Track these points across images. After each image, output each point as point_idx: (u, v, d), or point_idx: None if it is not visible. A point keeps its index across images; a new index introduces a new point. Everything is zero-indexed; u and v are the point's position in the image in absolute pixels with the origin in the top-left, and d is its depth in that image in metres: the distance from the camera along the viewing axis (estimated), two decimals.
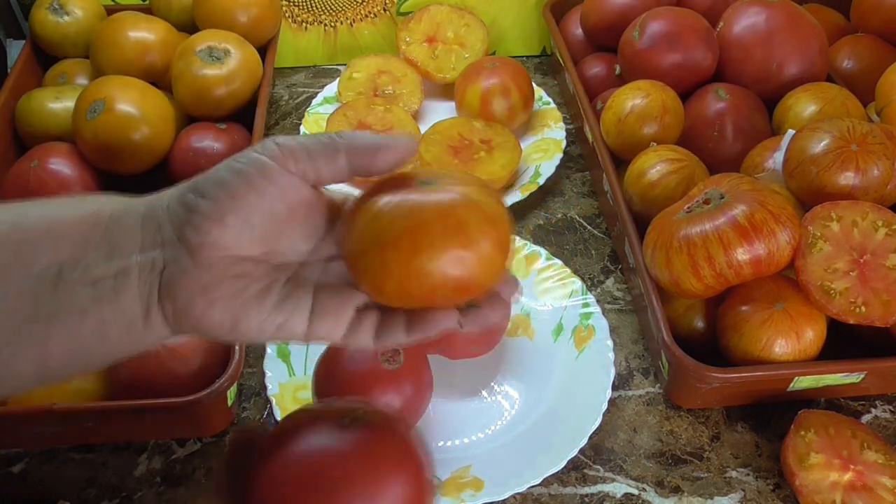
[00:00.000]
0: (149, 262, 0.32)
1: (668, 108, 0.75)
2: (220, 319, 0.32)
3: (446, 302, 0.34)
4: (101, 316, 0.31)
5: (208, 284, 0.32)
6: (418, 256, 0.32)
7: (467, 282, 0.33)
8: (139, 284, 0.32)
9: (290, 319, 0.34)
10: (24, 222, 0.33)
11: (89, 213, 0.33)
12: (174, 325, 0.33)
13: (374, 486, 0.34)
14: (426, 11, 0.97)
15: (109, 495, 0.59)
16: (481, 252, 0.33)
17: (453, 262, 0.32)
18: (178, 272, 0.32)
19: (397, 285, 0.33)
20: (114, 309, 0.31)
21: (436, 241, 0.32)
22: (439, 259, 0.32)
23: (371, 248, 0.33)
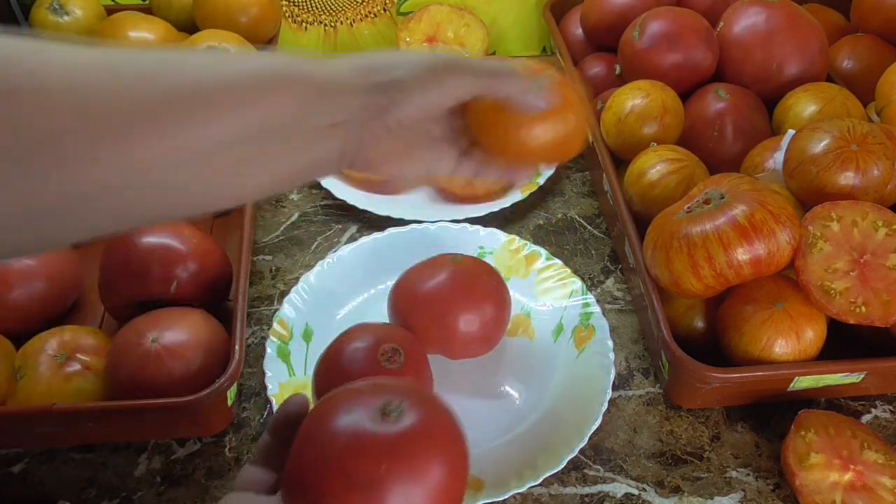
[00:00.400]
0: (352, 122, 0.41)
1: (668, 108, 0.75)
2: (393, 167, 0.46)
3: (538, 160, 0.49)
4: (311, 156, 0.41)
5: (389, 146, 0.44)
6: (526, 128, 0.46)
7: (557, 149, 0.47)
8: (344, 138, 0.41)
9: (437, 162, 0.48)
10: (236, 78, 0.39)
11: (301, 74, 0.40)
12: (358, 166, 0.44)
13: (411, 483, 0.35)
14: (426, 11, 0.97)
15: (109, 495, 0.59)
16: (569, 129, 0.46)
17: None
18: (368, 134, 0.42)
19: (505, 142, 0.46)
20: (320, 150, 0.41)
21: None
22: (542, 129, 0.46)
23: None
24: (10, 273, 0.65)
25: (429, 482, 0.35)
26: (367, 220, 0.80)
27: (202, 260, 0.64)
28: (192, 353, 0.59)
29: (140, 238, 0.64)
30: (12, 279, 0.65)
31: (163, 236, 0.64)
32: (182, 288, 0.63)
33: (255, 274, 0.75)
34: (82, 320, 0.70)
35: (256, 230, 0.79)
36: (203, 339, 0.60)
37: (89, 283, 0.70)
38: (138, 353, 0.58)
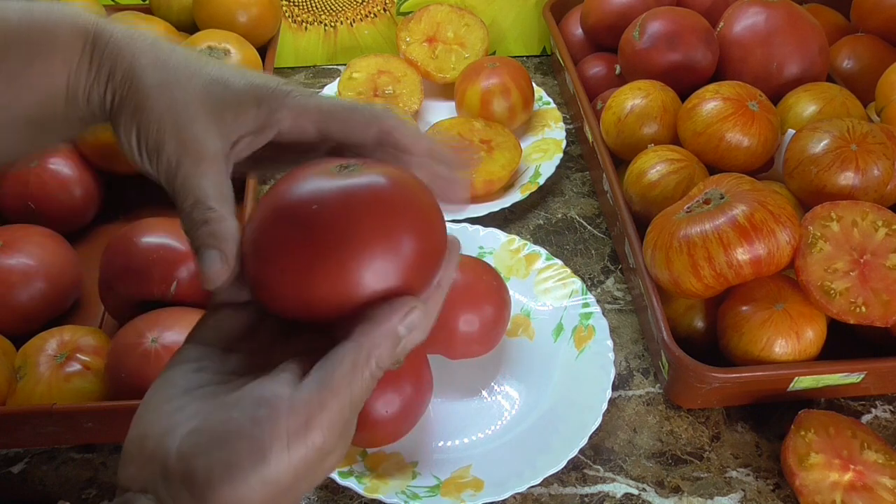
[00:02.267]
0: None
1: (668, 108, 0.75)
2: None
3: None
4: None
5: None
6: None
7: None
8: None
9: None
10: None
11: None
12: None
13: (378, 233, 0.31)
14: (426, 11, 0.97)
15: (109, 495, 0.59)
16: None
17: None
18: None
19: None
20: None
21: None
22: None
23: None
24: (10, 273, 0.65)
25: (398, 230, 0.31)
26: None
27: None
28: None
29: (140, 238, 0.64)
30: (12, 279, 0.65)
31: (163, 236, 0.64)
32: (182, 288, 0.63)
33: None
34: (82, 320, 0.70)
35: None
36: None
37: (89, 283, 0.70)
38: (138, 353, 0.58)
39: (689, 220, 0.60)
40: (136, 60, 0.35)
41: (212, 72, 0.35)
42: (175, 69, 0.35)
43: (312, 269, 0.31)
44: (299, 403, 0.29)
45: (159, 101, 0.34)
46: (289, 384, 0.30)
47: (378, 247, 0.31)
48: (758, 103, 0.69)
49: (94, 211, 0.78)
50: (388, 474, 0.58)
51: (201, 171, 0.33)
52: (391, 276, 0.31)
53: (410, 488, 0.57)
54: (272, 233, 0.32)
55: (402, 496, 0.56)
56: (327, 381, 0.30)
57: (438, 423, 0.63)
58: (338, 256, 0.30)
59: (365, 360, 0.30)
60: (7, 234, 0.67)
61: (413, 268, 0.32)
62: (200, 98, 0.34)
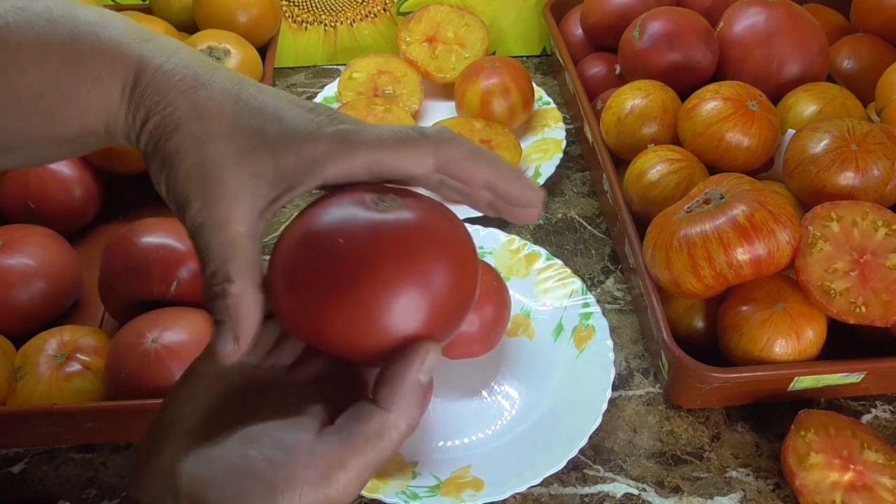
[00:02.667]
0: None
1: (668, 108, 0.75)
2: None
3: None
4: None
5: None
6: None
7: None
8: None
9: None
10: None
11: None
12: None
13: (409, 269, 0.30)
14: (426, 11, 0.97)
15: (109, 495, 0.59)
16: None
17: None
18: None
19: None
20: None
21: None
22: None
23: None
24: (10, 273, 0.65)
25: (423, 275, 0.30)
26: None
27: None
28: (192, 353, 0.58)
29: (140, 238, 0.64)
30: (12, 279, 0.65)
31: (163, 236, 0.64)
32: (182, 288, 0.63)
33: None
34: (82, 320, 0.70)
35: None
36: (203, 340, 0.60)
37: (89, 283, 0.70)
38: (138, 353, 0.58)
39: (689, 220, 0.60)
40: (171, 109, 0.32)
41: (251, 123, 0.32)
42: (211, 119, 0.32)
43: (330, 305, 0.30)
44: (319, 455, 0.28)
45: (188, 157, 0.32)
46: (311, 431, 0.29)
47: (400, 291, 0.29)
48: (758, 103, 0.69)
49: (94, 211, 0.78)
50: (388, 474, 0.58)
51: (225, 237, 0.31)
52: (412, 322, 0.30)
53: (410, 488, 0.57)
54: (295, 261, 0.31)
55: (402, 496, 0.56)
56: (351, 439, 0.29)
57: (438, 423, 0.63)
58: (355, 297, 0.29)
59: (394, 423, 0.29)
60: (7, 234, 0.67)
61: (435, 315, 0.30)
62: (235, 156, 0.32)
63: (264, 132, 0.32)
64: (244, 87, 0.33)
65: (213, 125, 0.32)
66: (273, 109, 0.32)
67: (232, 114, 0.32)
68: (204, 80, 0.33)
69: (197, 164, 0.31)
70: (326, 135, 0.31)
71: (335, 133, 0.31)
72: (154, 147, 0.33)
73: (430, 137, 0.32)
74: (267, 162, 0.31)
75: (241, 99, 0.33)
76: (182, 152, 0.32)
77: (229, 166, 0.31)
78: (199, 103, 0.32)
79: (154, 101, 0.33)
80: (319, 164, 0.31)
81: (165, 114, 0.32)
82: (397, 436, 0.30)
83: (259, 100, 0.33)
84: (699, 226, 0.59)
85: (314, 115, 0.32)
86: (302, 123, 0.32)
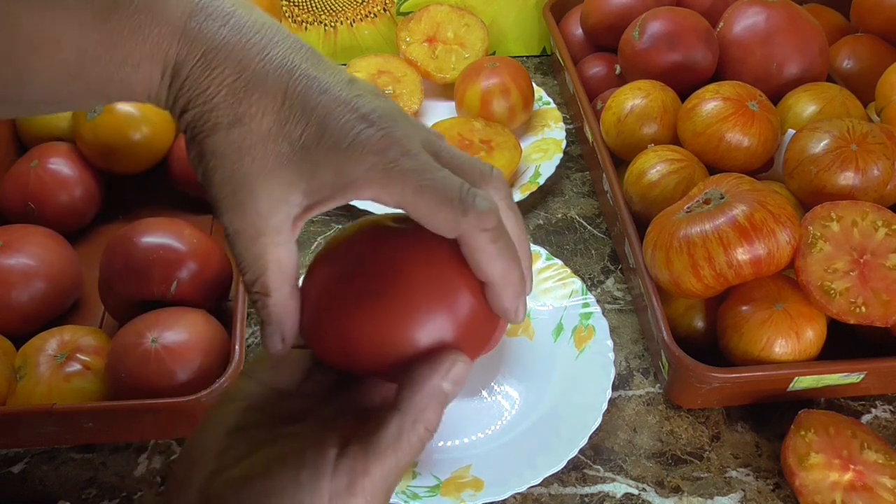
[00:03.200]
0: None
1: (668, 108, 0.75)
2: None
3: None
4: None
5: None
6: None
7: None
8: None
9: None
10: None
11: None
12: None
13: (436, 287, 0.30)
14: (426, 11, 0.97)
15: (109, 495, 0.59)
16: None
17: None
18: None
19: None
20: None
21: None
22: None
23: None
24: (10, 273, 0.65)
25: (453, 292, 0.30)
26: None
27: (202, 260, 0.64)
28: (192, 353, 0.59)
29: (140, 238, 0.64)
30: (12, 279, 0.65)
31: (163, 236, 0.64)
32: (182, 288, 0.63)
33: None
34: (82, 320, 0.70)
35: None
36: (203, 339, 0.60)
37: (89, 283, 0.70)
38: (138, 353, 0.58)
39: (689, 220, 0.60)
40: (210, 107, 0.31)
41: (294, 131, 0.31)
42: (252, 122, 0.31)
43: (359, 315, 0.30)
44: (343, 467, 0.29)
45: (224, 164, 0.31)
46: (335, 445, 0.29)
47: (431, 302, 0.30)
48: (758, 103, 0.69)
49: (94, 211, 0.78)
50: None
51: (258, 250, 0.31)
52: (440, 333, 0.30)
53: (410, 488, 0.57)
54: (325, 285, 0.32)
55: (403, 496, 0.56)
56: (372, 446, 0.29)
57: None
58: (385, 307, 0.30)
59: (411, 425, 0.29)
60: (7, 234, 0.67)
61: (464, 329, 0.31)
62: (272, 165, 0.31)
63: (306, 143, 0.31)
64: (294, 79, 0.31)
65: (252, 129, 0.31)
66: (321, 115, 0.31)
67: (276, 118, 0.31)
68: (250, 72, 0.31)
69: (232, 172, 0.31)
70: (369, 159, 0.30)
71: (377, 162, 0.30)
72: (192, 137, 0.32)
73: (471, 211, 0.29)
74: (304, 173, 0.31)
75: (287, 97, 0.31)
76: (218, 156, 0.31)
77: (265, 176, 0.31)
78: (241, 105, 0.31)
79: (194, 94, 0.31)
80: (354, 186, 0.30)
81: (205, 111, 0.31)
82: (417, 440, 0.30)
83: (308, 99, 0.31)
84: (699, 226, 0.59)
85: (363, 127, 0.30)
86: (348, 138, 0.30)
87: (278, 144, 0.31)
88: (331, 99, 0.31)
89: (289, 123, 0.31)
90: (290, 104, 0.31)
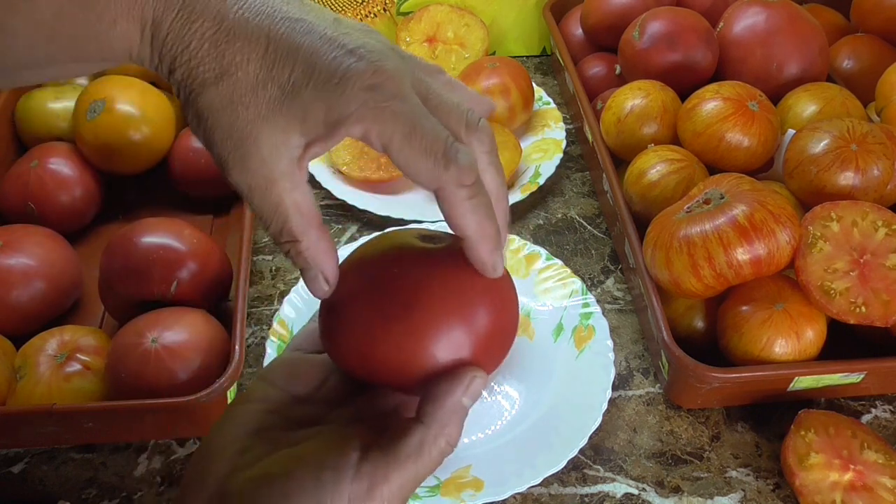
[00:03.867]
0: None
1: (668, 108, 0.75)
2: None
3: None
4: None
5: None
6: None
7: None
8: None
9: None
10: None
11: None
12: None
13: (458, 299, 0.31)
14: (426, 11, 0.97)
15: (109, 495, 0.59)
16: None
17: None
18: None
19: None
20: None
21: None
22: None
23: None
24: (10, 273, 0.65)
25: (472, 307, 0.31)
26: (367, 220, 0.80)
27: (202, 260, 0.64)
28: (192, 353, 0.59)
29: (140, 238, 0.64)
30: (12, 279, 0.65)
31: (163, 236, 0.64)
32: (182, 288, 0.63)
33: (255, 274, 0.75)
34: (82, 320, 0.70)
35: (256, 230, 0.79)
36: (203, 339, 0.60)
37: (89, 283, 0.70)
38: (138, 353, 0.58)
39: (689, 220, 0.60)
40: (195, 62, 0.31)
41: (282, 74, 0.30)
42: (238, 72, 0.31)
43: (381, 330, 0.31)
44: (364, 471, 0.29)
45: (221, 120, 0.31)
46: (356, 449, 0.30)
47: (450, 319, 0.31)
48: (758, 103, 0.69)
49: (94, 211, 0.78)
50: None
51: (274, 199, 0.31)
52: (459, 350, 0.31)
53: None
54: (348, 296, 0.32)
55: None
56: (394, 454, 0.30)
57: None
58: (407, 323, 0.31)
59: (433, 439, 0.30)
60: (7, 234, 0.67)
61: (482, 344, 0.32)
62: (265, 112, 0.31)
63: (295, 84, 0.30)
64: (275, 23, 0.31)
65: (240, 79, 0.31)
66: (307, 54, 0.30)
67: (261, 63, 0.31)
68: (229, 21, 0.31)
69: (230, 127, 0.31)
70: (360, 96, 0.30)
71: (368, 99, 0.30)
72: (185, 99, 0.32)
73: (452, 165, 0.30)
74: (297, 114, 0.30)
75: (271, 41, 0.31)
76: (214, 113, 0.31)
77: (262, 122, 0.31)
78: (225, 56, 0.31)
79: (178, 50, 0.31)
80: (346, 122, 0.30)
81: (191, 67, 0.31)
82: (437, 453, 0.30)
83: (292, 40, 0.31)
84: (699, 226, 0.59)
85: (353, 61, 0.30)
86: (338, 73, 0.30)
87: (268, 90, 0.31)
88: (316, 38, 0.31)
89: (275, 67, 0.31)
90: (275, 48, 0.31)
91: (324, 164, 0.84)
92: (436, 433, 0.30)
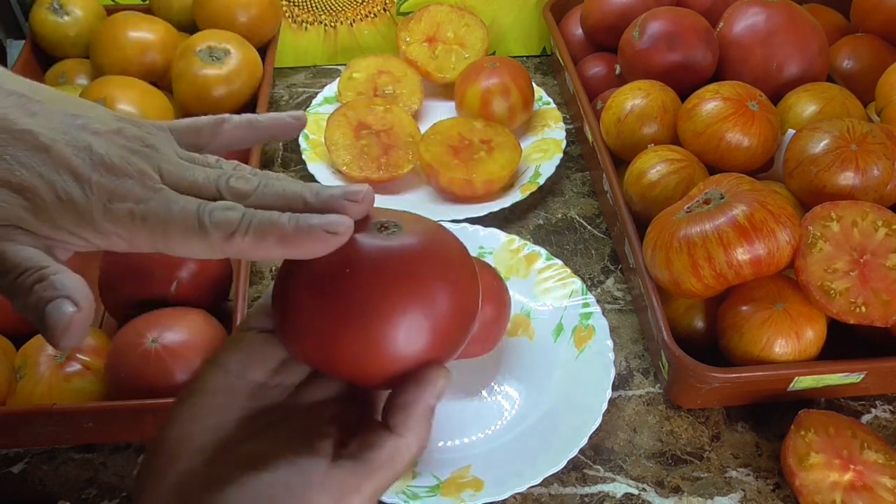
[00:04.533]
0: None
1: (668, 108, 0.75)
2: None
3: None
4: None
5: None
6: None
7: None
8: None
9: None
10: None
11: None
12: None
13: (414, 294, 0.31)
14: (426, 11, 0.97)
15: (109, 495, 0.59)
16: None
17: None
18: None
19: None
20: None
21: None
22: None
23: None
24: None
25: (428, 300, 0.31)
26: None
27: (202, 260, 0.64)
28: (192, 353, 0.59)
29: None
30: None
31: None
32: (182, 288, 0.63)
33: (255, 274, 0.75)
34: None
35: None
36: (203, 340, 0.60)
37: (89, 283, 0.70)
38: (138, 353, 0.58)
39: (689, 220, 0.60)
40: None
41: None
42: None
43: (337, 334, 0.30)
44: (334, 479, 0.29)
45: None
46: (326, 455, 0.30)
47: (405, 318, 0.30)
48: (758, 103, 0.69)
49: None
50: None
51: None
52: (417, 346, 0.31)
53: (410, 488, 0.57)
54: (301, 291, 0.32)
55: (402, 496, 0.56)
56: (366, 465, 0.29)
57: (438, 423, 0.63)
58: (362, 326, 0.30)
59: (406, 448, 0.30)
60: None
61: (440, 338, 0.31)
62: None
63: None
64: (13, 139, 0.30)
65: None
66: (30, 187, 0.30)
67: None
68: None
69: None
70: (98, 212, 0.30)
71: (113, 218, 0.30)
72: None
73: (212, 231, 0.29)
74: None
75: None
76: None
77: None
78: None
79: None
80: (104, 241, 0.32)
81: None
82: (409, 457, 0.30)
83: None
84: (699, 226, 0.59)
85: (76, 188, 0.30)
86: (67, 202, 0.30)
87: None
88: (45, 168, 0.30)
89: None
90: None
91: (324, 164, 0.84)
92: (410, 441, 0.30)
